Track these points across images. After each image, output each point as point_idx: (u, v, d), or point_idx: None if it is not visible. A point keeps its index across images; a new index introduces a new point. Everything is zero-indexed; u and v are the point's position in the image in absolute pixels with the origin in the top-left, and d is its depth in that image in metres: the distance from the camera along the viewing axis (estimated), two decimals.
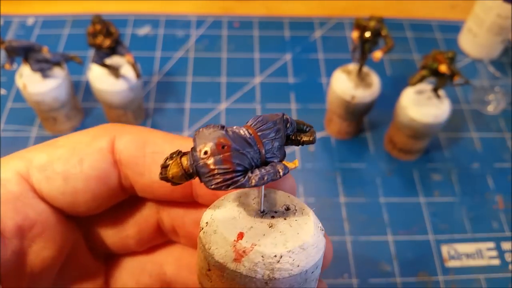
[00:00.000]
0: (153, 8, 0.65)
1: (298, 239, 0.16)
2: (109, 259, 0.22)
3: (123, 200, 0.20)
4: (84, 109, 0.53)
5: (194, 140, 0.16)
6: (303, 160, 0.50)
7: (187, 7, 0.65)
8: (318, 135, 0.52)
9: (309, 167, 0.49)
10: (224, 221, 0.16)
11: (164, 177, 0.16)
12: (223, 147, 0.15)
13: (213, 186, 0.15)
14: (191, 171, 0.15)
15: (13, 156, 0.17)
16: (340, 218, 0.45)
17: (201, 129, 0.16)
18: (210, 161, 0.15)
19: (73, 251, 0.19)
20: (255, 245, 0.15)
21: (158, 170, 0.17)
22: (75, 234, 0.19)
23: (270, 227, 0.17)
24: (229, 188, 0.15)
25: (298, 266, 0.16)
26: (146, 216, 0.21)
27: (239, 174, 0.15)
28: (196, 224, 0.21)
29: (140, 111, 0.51)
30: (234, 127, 0.16)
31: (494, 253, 0.44)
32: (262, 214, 0.17)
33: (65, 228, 0.19)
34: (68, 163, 0.17)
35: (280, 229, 0.16)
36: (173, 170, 0.15)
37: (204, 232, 0.16)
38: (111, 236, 0.21)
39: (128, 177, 0.19)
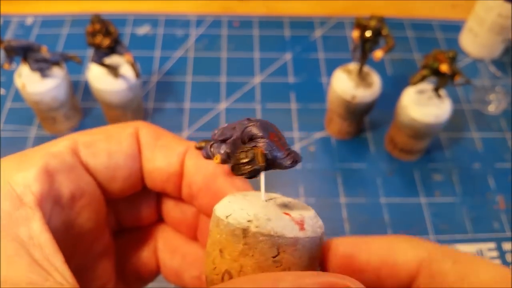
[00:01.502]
0: (153, 8, 0.64)
1: (310, 210, 0.18)
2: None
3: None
4: (83, 109, 0.53)
5: (256, 130, 0.17)
6: (304, 160, 0.50)
7: (186, 6, 0.65)
8: (319, 135, 0.52)
9: (309, 167, 0.49)
10: (260, 210, 0.17)
11: (254, 169, 0.16)
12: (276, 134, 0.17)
13: (289, 164, 0.17)
14: (269, 157, 0.16)
15: (61, 138, 0.19)
16: (340, 219, 0.45)
17: (246, 121, 0.18)
18: (281, 143, 0.17)
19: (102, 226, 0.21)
20: (299, 213, 0.17)
21: (162, 160, 0.21)
22: (107, 211, 0.21)
23: (285, 206, 0.18)
24: (295, 165, 0.17)
25: (320, 225, 0.17)
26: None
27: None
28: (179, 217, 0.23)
29: (139, 111, 0.51)
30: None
31: (495, 253, 0.44)
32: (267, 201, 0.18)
33: (104, 204, 0.20)
34: (110, 143, 0.20)
35: (292, 207, 0.18)
36: (261, 159, 0.16)
37: (257, 226, 0.16)
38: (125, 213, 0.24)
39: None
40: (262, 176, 0.17)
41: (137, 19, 0.63)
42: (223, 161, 0.18)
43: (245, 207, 0.17)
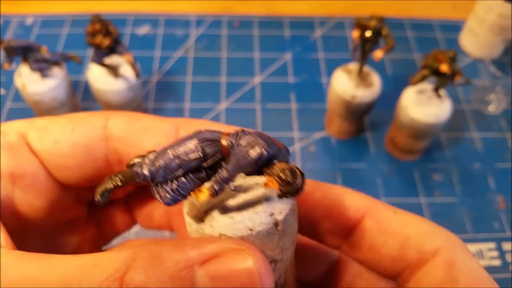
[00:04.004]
0: (153, 8, 0.64)
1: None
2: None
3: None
4: (83, 108, 0.53)
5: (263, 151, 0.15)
6: (304, 160, 0.50)
7: (186, 6, 0.65)
8: (319, 135, 0.52)
9: (310, 167, 0.49)
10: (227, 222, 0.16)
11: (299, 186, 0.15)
12: None
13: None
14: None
15: (18, 120, 0.20)
16: None
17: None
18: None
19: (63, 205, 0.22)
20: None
21: (148, 141, 0.20)
22: (69, 197, 0.22)
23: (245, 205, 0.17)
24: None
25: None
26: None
27: None
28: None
29: (139, 111, 0.51)
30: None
31: (495, 253, 0.44)
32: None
33: (58, 188, 0.20)
34: (61, 129, 0.20)
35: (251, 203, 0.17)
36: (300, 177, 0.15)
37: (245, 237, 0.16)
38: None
39: (117, 151, 0.20)
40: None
41: (137, 19, 0.62)
42: (215, 194, 0.15)
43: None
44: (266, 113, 0.53)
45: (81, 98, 0.54)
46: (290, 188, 0.15)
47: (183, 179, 0.15)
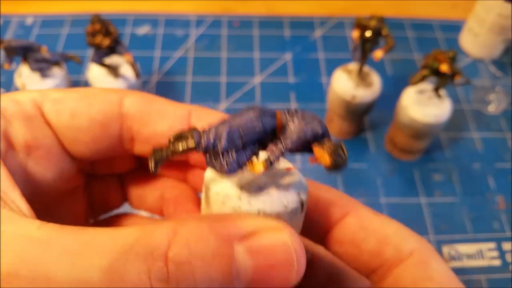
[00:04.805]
0: (153, 8, 0.64)
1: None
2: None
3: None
4: None
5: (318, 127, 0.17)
6: (304, 160, 0.50)
7: (186, 6, 0.65)
8: None
9: (310, 167, 0.49)
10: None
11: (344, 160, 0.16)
12: None
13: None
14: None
15: (33, 90, 0.20)
16: None
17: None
18: None
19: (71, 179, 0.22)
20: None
21: (162, 123, 0.20)
22: (74, 167, 0.22)
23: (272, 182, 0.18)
24: None
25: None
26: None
27: None
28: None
29: None
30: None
31: (495, 253, 0.44)
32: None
33: (69, 163, 0.21)
34: (79, 103, 0.20)
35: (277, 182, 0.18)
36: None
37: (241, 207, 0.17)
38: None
39: (131, 130, 0.21)
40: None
41: (137, 19, 0.62)
42: (269, 166, 0.16)
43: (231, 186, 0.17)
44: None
45: None
46: (340, 160, 0.16)
47: (241, 150, 0.16)
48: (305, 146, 0.16)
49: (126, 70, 0.46)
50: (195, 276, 0.14)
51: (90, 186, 0.24)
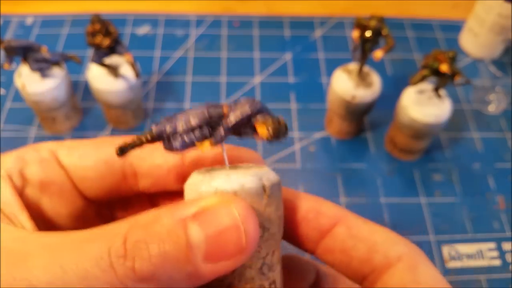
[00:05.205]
0: (153, 8, 0.64)
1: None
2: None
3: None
4: (83, 109, 0.53)
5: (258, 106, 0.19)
6: (304, 160, 0.50)
7: (186, 6, 0.65)
8: (319, 135, 0.52)
9: (309, 167, 0.49)
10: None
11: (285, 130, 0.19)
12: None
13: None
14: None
15: (51, 141, 0.23)
16: None
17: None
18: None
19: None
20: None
21: (158, 156, 0.23)
22: (91, 210, 0.25)
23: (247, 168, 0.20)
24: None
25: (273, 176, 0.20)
26: None
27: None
28: None
29: (139, 111, 0.51)
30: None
31: (495, 253, 0.44)
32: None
33: (81, 199, 0.24)
34: (87, 147, 0.23)
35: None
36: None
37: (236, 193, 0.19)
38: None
39: (132, 165, 0.23)
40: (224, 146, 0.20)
41: (137, 19, 0.62)
42: (214, 144, 0.19)
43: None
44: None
45: (81, 98, 0.54)
46: (277, 129, 0.18)
47: (191, 132, 0.19)
48: (246, 126, 0.19)
49: (126, 70, 0.46)
50: (149, 251, 0.16)
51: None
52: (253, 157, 0.23)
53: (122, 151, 0.19)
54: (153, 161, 0.23)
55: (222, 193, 0.18)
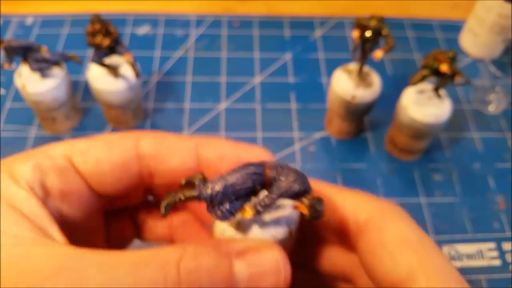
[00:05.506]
0: (153, 8, 0.64)
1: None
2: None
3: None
4: (83, 109, 0.53)
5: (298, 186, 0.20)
6: (304, 160, 0.50)
7: (186, 6, 0.65)
8: (319, 135, 0.52)
9: (310, 168, 0.49)
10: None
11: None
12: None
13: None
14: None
15: (60, 142, 0.23)
16: None
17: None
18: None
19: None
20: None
21: (174, 159, 0.23)
22: (101, 205, 0.25)
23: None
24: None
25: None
26: None
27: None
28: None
29: (139, 111, 0.51)
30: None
31: (495, 253, 0.44)
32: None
33: (95, 202, 0.24)
34: (101, 152, 0.23)
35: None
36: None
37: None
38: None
39: (149, 168, 0.24)
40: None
41: (137, 19, 0.62)
42: (257, 214, 0.20)
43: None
44: (266, 113, 0.53)
45: (81, 98, 0.54)
46: (316, 214, 0.20)
47: (234, 201, 0.20)
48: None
49: (126, 70, 0.46)
50: (201, 282, 0.17)
51: (107, 222, 0.27)
52: (265, 155, 0.24)
53: (167, 210, 0.20)
54: (170, 163, 0.24)
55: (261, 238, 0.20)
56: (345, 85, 0.46)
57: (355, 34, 0.43)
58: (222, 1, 0.66)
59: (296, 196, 0.20)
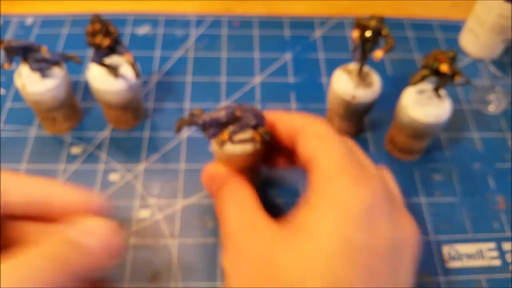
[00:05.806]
0: (153, 8, 0.64)
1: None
2: None
3: None
4: (83, 109, 0.53)
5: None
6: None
7: (186, 6, 0.65)
8: None
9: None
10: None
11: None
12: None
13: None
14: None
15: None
16: None
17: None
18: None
19: None
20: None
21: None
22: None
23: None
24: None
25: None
26: None
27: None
28: None
29: (139, 111, 0.51)
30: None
31: (495, 253, 0.44)
32: None
33: None
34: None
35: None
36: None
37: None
38: None
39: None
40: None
41: (137, 19, 0.63)
42: (229, 137, 0.33)
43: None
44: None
45: (81, 98, 0.54)
46: (265, 139, 0.33)
47: (217, 128, 0.33)
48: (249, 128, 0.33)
49: (126, 70, 0.46)
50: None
51: None
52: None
53: (180, 129, 0.32)
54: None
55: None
56: (345, 85, 0.46)
57: (355, 34, 0.43)
58: (222, 1, 0.66)
59: (253, 127, 0.33)
